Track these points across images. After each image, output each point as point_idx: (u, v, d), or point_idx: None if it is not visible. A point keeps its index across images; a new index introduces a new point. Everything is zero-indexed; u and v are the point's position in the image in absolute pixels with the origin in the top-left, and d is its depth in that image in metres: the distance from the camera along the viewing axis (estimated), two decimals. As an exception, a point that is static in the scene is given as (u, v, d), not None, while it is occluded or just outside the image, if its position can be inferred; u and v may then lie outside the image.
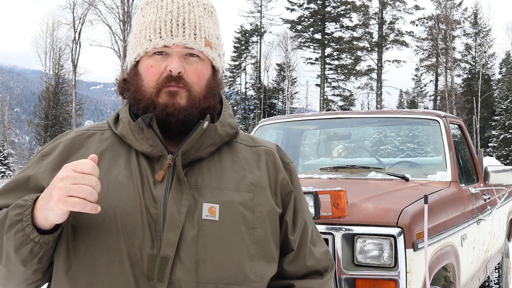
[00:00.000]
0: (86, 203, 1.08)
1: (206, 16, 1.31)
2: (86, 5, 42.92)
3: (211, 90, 1.30)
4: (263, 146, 1.39)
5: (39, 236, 1.14)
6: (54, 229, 1.17)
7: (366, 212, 2.74)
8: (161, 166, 1.25)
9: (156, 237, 1.19)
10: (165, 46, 1.26)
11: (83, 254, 1.20)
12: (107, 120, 1.38)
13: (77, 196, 1.08)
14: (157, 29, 1.27)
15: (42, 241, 1.15)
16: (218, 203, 1.23)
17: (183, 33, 1.26)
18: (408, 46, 47.60)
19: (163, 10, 1.28)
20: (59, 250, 1.22)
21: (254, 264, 1.24)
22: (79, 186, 1.08)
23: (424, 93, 50.13)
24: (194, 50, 1.27)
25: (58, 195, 1.08)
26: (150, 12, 1.30)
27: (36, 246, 1.15)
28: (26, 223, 1.14)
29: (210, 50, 1.30)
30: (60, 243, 1.22)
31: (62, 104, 46.72)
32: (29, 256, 1.17)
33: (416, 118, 4.26)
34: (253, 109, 49.53)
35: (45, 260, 1.21)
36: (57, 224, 1.17)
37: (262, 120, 4.85)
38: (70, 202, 1.08)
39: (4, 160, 35.12)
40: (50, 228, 1.16)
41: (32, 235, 1.14)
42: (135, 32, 1.32)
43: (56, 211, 1.10)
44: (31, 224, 1.14)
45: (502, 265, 5.34)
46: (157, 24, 1.27)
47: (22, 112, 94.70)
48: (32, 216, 1.15)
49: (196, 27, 1.27)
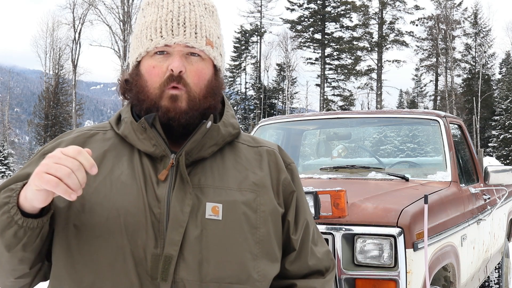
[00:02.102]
0: (59, 183, 1.05)
1: (207, 15, 1.32)
2: (86, 5, 42.97)
3: (211, 90, 1.30)
4: (265, 147, 1.39)
5: (23, 219, 1.12)
6: (41, 215, 1.16)
7: (366, 212, 2.74)
8: (164, 165, 1.25)
9: (159, 236, 1.19)
10: (166, 45, 1.26)
11: (86, 253, 1.19)
12: (109, 121, 1.38)
13: (53, 175, 1.06)
14: (158, 28, 1.27)
15: (26, 225, 1.13)
16: (221, 203, 1.24)
17: (184, 32, 1.26)
18: (408, 46, 47.59)
19: (163, 10, 1.28)
20: (61, 249, 1.22)
21: (257, 264, 1.25)
22: (59, 166, 1.06)
23: (424, 93, 50.14)
24: (195, 49, 1.27)
25: (37, 170, 1.07)
26: (151, 12, 1.30)
27: (21, 231, 1.13)
28: (12, 205, 1.13)
29: (211, 49, 1.30)
30: (62, 242, 1.22)
31: (62, 104, 46.71)
32: (13, 241, 1.15)
33: (416, 118, 4.27)
34: (253, 109, 49.53)
35: (30, 249, 1.18)
36: (45, 211, 1.16)
37: (262, 120, 4.85)
38: (44, 179, 1.06)
39: (4, 160, 35.08)
40: (35, 212, 1.14)
41: (16, 217, 1.12)
42: (136, 33, 1.32)
43: (32, 186, 1.09)
44: (16, 206, 1.13)
45: (502, 265, 5.35)
46: (158, 23, 1.27)
47: (22, 112, 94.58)
48: (20, 200, 1.14)
49: (197, 26, 1.27)
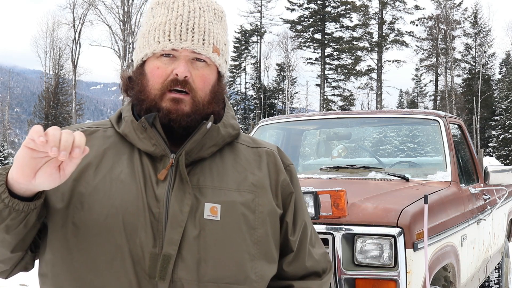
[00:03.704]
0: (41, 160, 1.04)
1: (215, 21, 1.32)
2: (86, 5, 42.98)
3: (215, 96, 1.31)
4: (264, 147, 1.40)
5: (9, 198, 1.11)
6: (31, 199, 1.14)
7: (366, 212, 2.74)
8: (163, 165, 1.25)
9: (158, 235, 1.19)
10: (173, 49, 1.26)
11: (85, 252, 1.20)
12: (110, 118, 1.38)
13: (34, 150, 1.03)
14: (167, 31, 1.26)
15: (11, 204, 1.11)
16: (219, 203, 1.24)
17: (192, 37, 1.25)
18: (408, 46, 47.60)
19: (173, 13, 1.28)
20: (60, 247, 1.22)
21: (254, 264, 1.25)
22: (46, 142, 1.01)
23: (424, 93, 50.14)
24: (202, 56, 1.27)
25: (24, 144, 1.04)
26: (161, 13, 1.30)
27: (6, 210, 1.11)
28: (0, 183, 1.12)
29: (217, 57, 1.30)
30: (60, 240, 1.22)
31: (62, 104, 46.73)
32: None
33: (416, 118, 4.27)
34: (253, 109, 49.54)
35: (13, 232, 1.15)
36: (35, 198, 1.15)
37: (262, 120, 4.85)
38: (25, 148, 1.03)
39: (4, 160, 35.08)
40: (24, 195, 1.13)
41: (3, 195, 1.11)
42: (144, 32, 1.32)
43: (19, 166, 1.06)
44: (5, 184, 1.11)
45: (502, 265, 5.35)
46: (167, 26, 1.27)
47: (22, 112, 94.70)
48: (8, 181, 1.12)
49: (205, 33, 1.27)
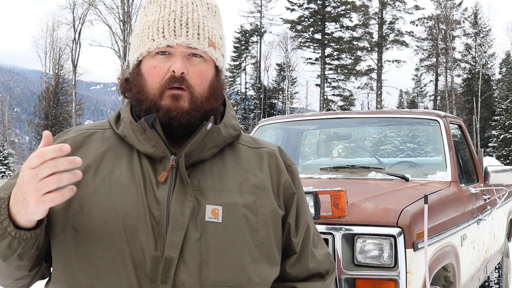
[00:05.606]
0: (63, 192, 1.02)
1: (209, 15, 1.29)
2: (86, 5, 42.99)
3: (213, 91, 1.28)
4: (266, 148, 1.37)
5: (15, 231, 1.11)
6: (35, 227, 1.14)
7: (366, 212, 2.74)
8: (163, 167, 1.23)
9: (159, 239, 1.17)
10: (168, 46, 1.24)
11: (85, 256, 1.18)
12: (108, 119, 1.36)
13: (51, 191, 1.02)
14: (160, 28, 1.24)
15: (20, 236, 1.11)
16: (221, 205, 1.22)
17: (186, 33, 1.24)
18: (408, 46, 47.61)
19: (166, 9, 1.26)
20: (60, 252, 1.21)
21: (257, 267, 1.23)
22: (45, 181, 1.01)
23: (424, 93, 50.14)
24: (198, 50, 1.25)
25: (34, 199, 1.03)
26: (153, 11, 1.28)
27: (15, 241, 1.12)
28: (3, 217, 1.10)
29: (214, 50, 1.28)
30: (60, 245, 1.21)
31: (62, 104, 46.69)
32: (8, 251, 1.13)
33: (416, 118, 4.27)
34: (253, 109, 49.53)
35: (26, 257, 1.17)
36: (39, 222, 1.14)
37: (262, 120, 4.85)
38: (48, 200, 1.02)
39: (4, 160, 35.04)
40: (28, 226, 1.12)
41: (9, 229, 1.10)
42: (138, 31, 1.30)
43: (40, 212, 1.07)
44: (8, 217, 1.11)
45: (502, 265, 5.35)
46: (160, 23, 1.25)
47: (22, 112, 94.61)
48: (10, 211, 1.11)
49: (199, 27, 1.25)
